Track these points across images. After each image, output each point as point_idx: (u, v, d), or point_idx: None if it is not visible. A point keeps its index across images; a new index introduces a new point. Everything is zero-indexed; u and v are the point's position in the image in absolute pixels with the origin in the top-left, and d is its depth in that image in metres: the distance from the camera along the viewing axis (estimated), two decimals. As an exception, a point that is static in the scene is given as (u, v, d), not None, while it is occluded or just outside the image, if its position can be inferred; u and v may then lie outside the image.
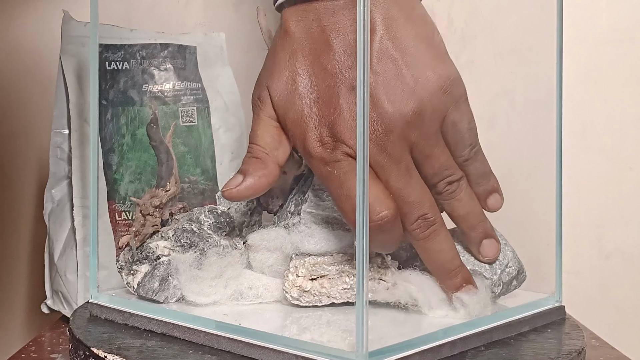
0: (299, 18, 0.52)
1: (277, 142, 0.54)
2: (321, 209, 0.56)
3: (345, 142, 0.49)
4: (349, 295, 0.53)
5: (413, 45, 0.51)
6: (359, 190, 0.43)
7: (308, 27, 0.52)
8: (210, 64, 0.75)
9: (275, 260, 0.55)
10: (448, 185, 0.53)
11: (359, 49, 0.43)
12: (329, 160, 0.50)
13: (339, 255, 0.54)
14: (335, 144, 0.50)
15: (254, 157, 0.53)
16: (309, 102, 0.51)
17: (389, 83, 0.50)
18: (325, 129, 0.50)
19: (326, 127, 0.50)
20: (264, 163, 0.53)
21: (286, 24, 0.53)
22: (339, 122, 0.50)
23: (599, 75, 0.84)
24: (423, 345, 0.46)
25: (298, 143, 0.52)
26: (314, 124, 0.51)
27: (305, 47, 0.52)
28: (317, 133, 0.50)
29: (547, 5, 0.59)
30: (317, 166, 0.51)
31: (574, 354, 0.49)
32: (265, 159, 0.53)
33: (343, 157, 0.50)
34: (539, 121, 0.71)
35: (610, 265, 0.85)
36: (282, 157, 0.54)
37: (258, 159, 0.53)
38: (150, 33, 0.73)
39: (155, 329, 0.52)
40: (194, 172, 0.71)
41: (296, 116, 0.52)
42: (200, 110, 0.73)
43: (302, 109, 0.51)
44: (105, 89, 0.70)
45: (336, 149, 0.50)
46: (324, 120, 0.50)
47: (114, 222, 0.69)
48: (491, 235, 0.55)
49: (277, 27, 0.55)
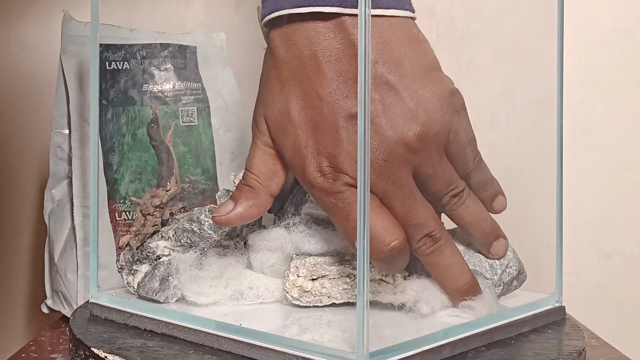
0: (289, 43, 0.51)
1: (272, 172, 0.53)
2: (321, 209, 0.56)
3: (346, 172, 0.49)
4: (349, 295, 0.53)
5: (409, 67, 0.50)
6: (360, 203, 0.43)
7: (299, 53, 0.51)
8: (211, 64, 0.75)
9: (275, 260, 0.55)
10: (453, 198, 0.53)
11: (360, 55, 0.43)
12: (331, 192, 0.49)
13: (339, 256, 0.54)
14: (336, 175, 0.49)
15: (247, 186, 0.53)
16: (306, 132, 0.50)
17: (388, 109, 0.49)
18: (324, 159, 0.50)
19: (325, 157, 0.49)
20: (256, 193, 0.53)
21: (275, 50, 0.52)
22: (338, 152, 0.49)
23: (599, 75, 0.84)
24: (424, 346, 0.46)
25: (298, 174, 0.52)
26: (313, 155, 0.50)
27: (297, 75, 0.51)
28: (317, 163, 0.50)
29: (547, 5, 0.59)
30: (319, 197, 0.50)
31: (575, 354, 0.49)
32: (257, 189, 0.53)
33: (345, 188, 0.49)
34: (539, 121, 0.71)
35: (610, 265, 0.85)
36: (275, 187, 0.54)
37: (251, 187, 0.53)
38: (151, 33, 0.73)
39: (156, 329, 0.52)
40: (194, 172, 0.71)
41: (293, 147, 0.51)
42: (201, 110, 0.73)
43: (299, 139, 0.50)
44: (105, 89, 0.70)
45: (337, 180, 0.49)
46: (323, 150, 0.50)
47: (114, 222, 0.69)
48: (500, 235, 0.56)
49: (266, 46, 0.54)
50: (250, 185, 0.53)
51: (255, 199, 0.53)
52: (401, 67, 0.50)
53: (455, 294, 0.52)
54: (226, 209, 0.53)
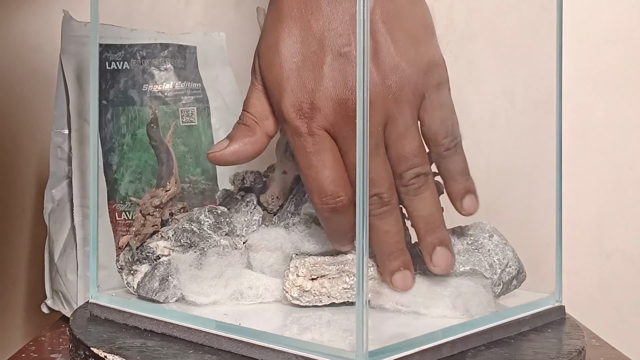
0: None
1: (268, 112, 0.53)
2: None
3: (323, 111, 0.49)
4: (349, 295, 0.53)
5: (404, 21, 0.51)
6: (359, 196, 0.43)
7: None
8: (211, 64, 0.75)
9: (275, 260, 0.55)
10: (415, 178, 0.51)
11: (358, 48, 0.43)
12: (302, 132, 0.49)
13: (339, 255, 0.54)
14: (313, 113, 0.49)
15: (242, 124, 0.53)
16: (290, 65, 0.50)
17: (375, 54, 0.50)
18: (304, 94, 0.49)
19: (306, 93, 0.49)
20: (252, 131, 0.53)
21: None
22: (320, 89, 0.49)
23: (599, 75, 0.84)
24: (423, 345, 0.46)
25: (275, 106, 0.51)
26: (292, 87, 0.50)
27: (295, 10, 0.51)
28: (295, 97, 0.50)
29: (547, 5, 0.59)
30: (290, 134, 0.50)
31: (574, 353, 0.49)
32: (253, 127, 0.53)
33: (317, 131, 0.49)
34: (539, 121, 0.71)
35: (610, 265, 0.85)
36: (271, 127, 0.53)
37: (246, 126, 0.53)
38: (150, 33, 0.73)
39: (156, 328, 0.52)
40: (194, 172, 0.71)
41: (274, 78, 0.51)
42: (201, 110, 0.73)
43: (282, 71, 0.50)
44: (105, 89, 0.70)
45: (312, 120, 0.49)
46: (304, 85, 0.49)
47: (114, 222, 0.69)
48: (446, 244, 0.53)
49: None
50: (245, 123, 0.53)
51: (251, 136, 0.53)
52: (396, 18, 0.51)
53: (385, 260, 0.51)
54: (221, 146, 0.53)
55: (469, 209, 0.54)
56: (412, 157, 0.51)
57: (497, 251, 0.56)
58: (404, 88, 0.50)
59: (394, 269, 0.51)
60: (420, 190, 0.52)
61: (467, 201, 0.54)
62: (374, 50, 0.50)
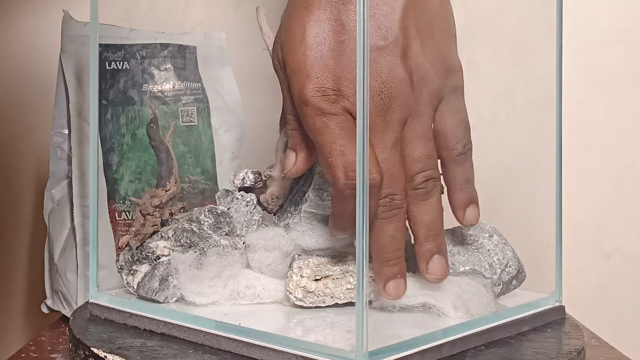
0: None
1: None
2: (321, 208, 0.56)
3: (348, 97, 0.49)
4: (352, 295, 0.53)
5: (431, 24, 0.52)
6: (359, 186, 0.43)
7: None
8: (210, 64, 0.75)
9: (273, 259, 0.55)
10: (425, 182, 0.51)
11: (358, 48, 0.43)
12: (326, 112, 0.49)
13: (342, 255, 0.54)
14: (337, 98, 0.49)
15: (295, 129, 0.53)
16: (316, 53, 0.50)
17: (405, 51, 0.50)
18: (329, 80, 0.49)
19: (331, 79, 0.49)
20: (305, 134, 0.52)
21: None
22: (347, 77, 0.49)
23: (599, 75, 0.84)
24: (423, 345, 0.46)
25: (295, 91, 0.51)
26: (316, 74, 0.50)
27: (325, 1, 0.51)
28: (319, 83, 0.49)
29: (547, 5, 0.59)
30: (311, 115, 0.49)
31: (574, 353, 0.49)
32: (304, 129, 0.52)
33: (342, 112, 0.49)
34: (539, 121, 0.71)
35: (610, 265, 0.85)
36: None
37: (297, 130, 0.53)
38: (150, 33, 0.73)
39: (155, 328, 0.52)
40: (194, 172, 0.71)
41: (296, 65, 0.51)
42: (200, 110, 0.73)
43: (306, 58, 0.50)
44: (105, 89, 0.70)
45: (337, 102, 0.49)
46: (330, 73, 0.49)
47: (114, 222, 0.69)
48: (444, 252, 0.52)
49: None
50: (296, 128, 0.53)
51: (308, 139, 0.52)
52: (426, 19, 0.51)
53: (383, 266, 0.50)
54: (290, 162, 0.53)
55: (470, 219, 0.54)
56: (425, 158, 0.51)
57: (497, 251, 0.56)
58: (425, 88, 0.51)
59: (390, 276, 0.50)
60: (428, 196, 0.51)
61: (469, 212, 0.54)
62: (402, 47, 0.50)
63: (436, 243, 0.52)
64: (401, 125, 0.50)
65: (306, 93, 0.50)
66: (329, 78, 0.49)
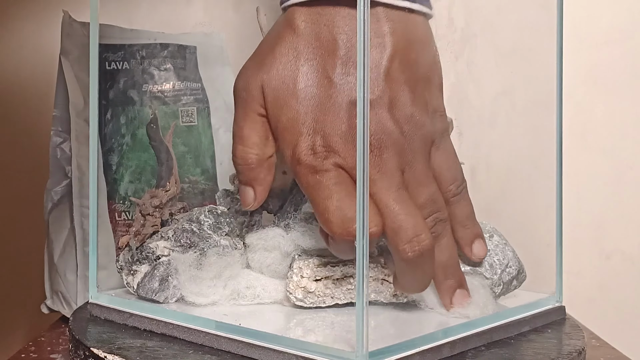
0: (311, 20, 0.51)
1: (265, 139, 0.53)
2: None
3: (339, 152, 0.49)
4: (352, 295, 0.53)
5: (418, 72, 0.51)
6: (359, 191, 0.43)
7: (318, 32, 0.51)
8: (210, 64, 0.75)
9: (273, 259, 0.55)
10: (435, 225, 0.51)
11: (359, 48, 0.43)
12: (319, 169, 0.49)
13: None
14: (327, 154, 0.49)
15: (246, 165, 0.53)
16: (306, 108, 0.50)
17: (392, 102, 0.50)
18: (319, 137, 0.49)
19: (320, 136, 0.49)
20: (259, 166, 0.53)
21: (295, 22, 0.52)
22: (336, 133, 0.49)
23: (599, 75, 0.84)
24: (423, 345, 0.46)
25: (287, 149, 0.51)
26: (308, 132, 0.50)
27: (312, 52, 0.51)
28: (310, 141, 0.49)
29: (547, 5, 0.59)
30: (304, 174, 0.50)
31: (574, 354, 0.49)
32: (257, 162, 0.53)
33: (333, 167, 0.49)
34: (539, 121, 0.71)
35: (610, 265, 0.84)
36: (271, 150, 0.53)
37: (250, 165, 0.53)
38: (150, 33, 0.73)
39: (155, 329, 0.52)
40: (194, 172, 0.71)
41: (290, 121, 0.50)
42: (200, 110, 0.73)
43: (298, 115, 0.50)
44: (105, 89, 0.70)
45: (327, 159, 0.49)
46: (320, 129, 0.49)
47: (114, 222, 0.69)
48: (465, 285, 0.53)
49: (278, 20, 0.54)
50: (248, 163, 0.53)
51: (266, 172, 0.53)
52: (413, 70, 0.51)
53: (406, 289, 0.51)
54: (249, 198, 0.53)
55: (478, 254, 0.55)
56: (430, 203, 0.51)
57: (497, 251, 0.56)
58: (417, 136, 0.51)
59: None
60: (439, 238, 0.51)
61: (476, 246, 0.55)
62: (390, 99, 0.50)
63: (455, 278, 0.52)
64: (400, 173, 0.50)
65: (298, 152, 0.50)
66: (319, 135, 0.49)
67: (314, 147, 0.49)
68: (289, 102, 0.51)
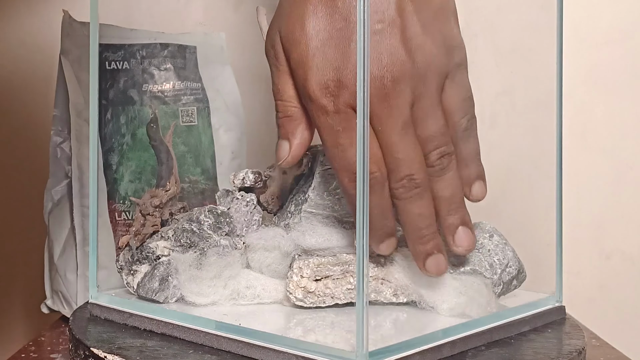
0: None
1: None
2: (321, 208, 0.56)
3: (351, 89, 0.48)
4: (352, 295, 0.53)
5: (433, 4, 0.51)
6: (359, 184, 0.43)
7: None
8: (210, 64, 0.75)
9: (273, 259, 0.55)
10: (441, 158, 0.51)
11: (359, 48, 0.43)
12: (329, 110, 0.49)
13: (342, 256, 0.54)
14: (339, 92, 0.49)
15: (286, 117, 0.52)
16: (316, 42, 0.50)
17: (404, 31, 0.49)
18: (330, 72, 0.49)
19: (332, 70, 0.49)
20: (298, 118, 0.52)
21: None
22: (346, 66, 0.48)
23: (599, 75, 0.84)
24: (423, 345, 0.46)
25: (300, 85, 0.51)
26: (318, 65, 0.49)
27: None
28: (321, 75, 0.49)
29: (547, 5, 0.59)
30: (316, 113, 0.50)
31: (574, 353, 0.49)
32: (296, 115, 0.52)
33: (344, 109, 0.49)
34: (539, 121, 0.71)
35: (610, 265, 0.85)
36: None
37: (290, 117, 0.52)
38: (150, 33, 0.73)
39: (155, 329, 0.52)
40: (194, 172, 0.71)
41: (300, 56, 0.50)
42: (200, 110, 0.73)
43: (308, 49, 0.50)
44: (105, 89, 0.70)
45: (339, 97, 0.49)
46: (331, 63, 0.49)
47: (114, 222, 0.69)
48: (468, 223, 0.53)
49: None
50: (288, 114, 0.52)
51: (302, 123, 0.52)
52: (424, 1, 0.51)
53: (418, 244, 0.51)
54: (284, 151, 0.53)
55: (477, 194, 0.54)
56: (438, 136, 0.51)
57: (497, 251, 0.56)
58: (430, 67, 0.50)
59: (428, 252, 0.50)
60: (444, 171, 0.51)
61: (476, 187, 0.54)
62: (401, 28, 0.49)
63: (459, 215, 0.52)
64: (409, 107, 0.49)
65: (309, 87, 0.50)
66: (330, 69, 0.49)
67: (326, 83, 0.49)
68: (300, 39, 0.50)
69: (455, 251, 0.53)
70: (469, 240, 0.52)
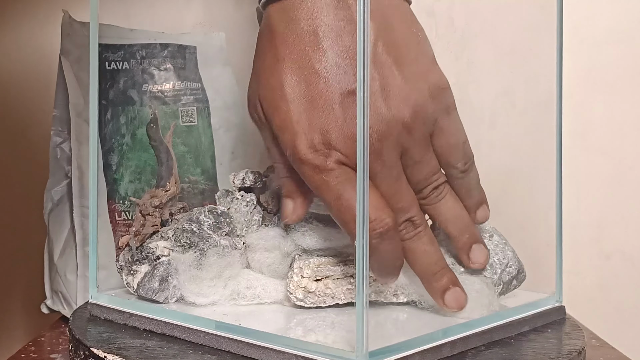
0: (288, 17, 0.50)
1: None
2: (322, 209, 0.56)
3: (339, 149, 0.48)
4: (353, 295, 0.53)
5: (405, 51, 0.50)
6: (359, 192, 0.43)
7: (298, 29, 0.50)
8: (210, 64, 0.75)
9: (273, 259, 0.55)
10: (434, 190, 0.52)
11: (359, 49, 0.43)
12: (322, 169, 0.49)
13: (343, 256, 0.54)
14: (329, 152, 0.48)
15: (286, 177, 0.53)
16: (298, 107, 0.49)
17: (385, 88, 0.49)
18: (317, 135, 0.49)
19: (319, 133, 0.49)
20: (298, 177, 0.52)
21: (273, 24, 0.51)
22: (333, 129, 0.48)
23: (599, 75, 0.84)
24: (423, 345, 0.46)
25: (287, 150, 0.50)
26: (304, 130, 0.49)
27: (295, 51, 0.50)
28: (308, 139, 0.49)
29: (547, 5, 0.59)
30: (309, 174, 0.49)
31: (574, 353, 0.49)
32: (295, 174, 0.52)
33: (337, 166, 0.48)
34: (539, 121, 0.71)
35: (610, 265, 0.84)
36: None
37: (290, 177, 0.52)
38: (150, 33, 0.73)
39: (155, 329, 0.52)
40: (194, 172, 0.71)
41: (284, 122, 0.50)
42: (200, 110, 0.73)
43: (291, 114, 0.49)
44: (105, 89, 0.70)
45: (329, 157, 0.48)
46: (316, 126, 0.49)
47: (114, 222, 0.69)
48: (480, 240, 0.54)
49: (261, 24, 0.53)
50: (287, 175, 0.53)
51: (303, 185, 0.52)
52: (400, 49, 0.50)
53: (432, 282, 0.51)
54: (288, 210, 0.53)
55: (481, 219, 0.56)
56: (430, 176, 0.52)
57: (497, 251, 0.56)
58: (417, 118, 0.50)
59: (444, 287, 0.51)
60: (440, 197, 0.53)
61: (480, 212, 0.55)
62: (381, 85, 0.49)
63: (469, 234, 0.54)
64: (399, 158, 0.50)
65: (299, 151, 0.49)
66: (317, 133, 0.49)
67: (314, 145, 0.49)
68: (280, 105, 0.50)
69: (471, 267, 0.54)
70: (483, 256, 0.54)
